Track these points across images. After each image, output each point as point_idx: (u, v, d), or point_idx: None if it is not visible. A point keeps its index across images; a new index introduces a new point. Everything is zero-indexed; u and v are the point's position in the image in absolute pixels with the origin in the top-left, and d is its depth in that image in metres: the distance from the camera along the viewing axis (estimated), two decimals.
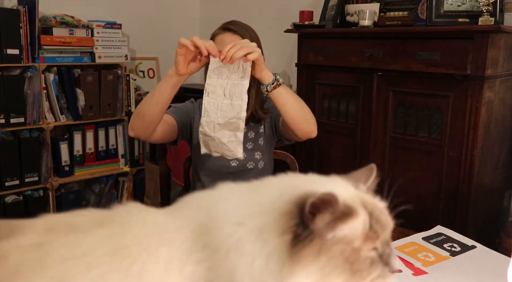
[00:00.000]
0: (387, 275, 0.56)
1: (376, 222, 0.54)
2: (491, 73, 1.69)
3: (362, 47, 2.02)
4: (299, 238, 0.51)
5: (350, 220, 0.51)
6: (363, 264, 0.53)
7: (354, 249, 0.52)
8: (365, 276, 0.53)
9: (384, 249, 0.56)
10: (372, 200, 0.57)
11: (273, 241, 0.51)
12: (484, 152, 1.76)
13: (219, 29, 1.52)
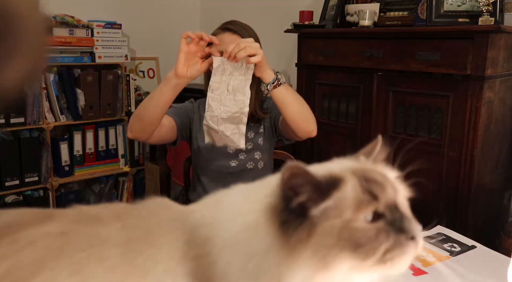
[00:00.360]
0: (406, 243, 0.49)
1: (372, 184, 0.49)
2: (491, 73, 1.69)
3: (362, 47, 2.02)
4: (288, 225, 0.48)
5: (333, 188, 0.48)
6: (364, 236, 0.47)
7: (345, 221, 0.47)
8: (372, 250, 0.47)
9: (393, 214, 0.49)
10: (366, 166, 0.53)
11: (267, 237, 0.49)
12: (484, 152, 1.76)
13: (219, 29, 1.53)
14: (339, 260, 0.47)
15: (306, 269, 0.47)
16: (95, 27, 2.88)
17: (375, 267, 0.48)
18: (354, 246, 0.47)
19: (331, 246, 0.47)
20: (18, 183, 2.63)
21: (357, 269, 0.48)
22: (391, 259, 0.48)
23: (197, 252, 0.53)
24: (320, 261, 0.47)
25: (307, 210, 0.48)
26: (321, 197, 0.47)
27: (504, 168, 1.98)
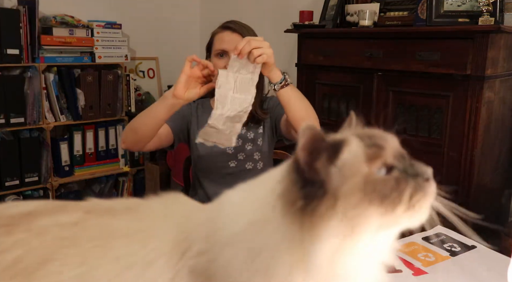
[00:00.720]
0: (425, 185, 0.50)
1: (373, 138, 0.50)
2: (491, 73, 1.69)
3: (362, 47, 2.02)
4: (310, 199, 0.47)
5: (343, 147, 0.48)
6: (386, 186, 0.48)
7: (364, 176, 0.48)
8: (398, 198, 0.48)
9: (402, 162, 0.50)
10: (359, 129, 0.55)
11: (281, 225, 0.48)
12: (484, 152, 1.76)
13: (219, 28, 1.53)
14: (368, 217, 0.47)
15: (334, 238, 0.47)
16: (95, 27, 2.88)
17: (402, 216, 0.49)
18: (380, 198, 0.47)
19: (358, 204, 0.47)
20: (18, 183, 2.63)
21: (386, 224, 0.48)
22: (417, 202, 0.49)
23: (199, 248, 0.53)
24: (349, 224, 0.47)
25: (324, 178, 0.48)
26: (333, 159, 0.48)
27: (504, 168, 1.98)
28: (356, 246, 0.48)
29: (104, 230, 0.55)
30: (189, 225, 0.56)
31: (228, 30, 1.50)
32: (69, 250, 0.53)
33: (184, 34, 3.58)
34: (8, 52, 2.53)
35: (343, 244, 0.47)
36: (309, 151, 0.48)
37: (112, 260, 0.53)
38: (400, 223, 0.50)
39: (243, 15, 2.76)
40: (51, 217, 0.57)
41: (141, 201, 0.61)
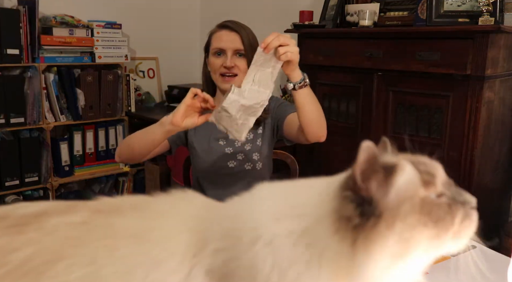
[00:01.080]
0: (471, 213, 0.52)
1: (423, 165, 0.53)
2: (491, 73, 1.69)
3: (362, 47, 2.02)
4: (366, 217, 0.48)
5: (399, 170, 0.49)
6: (441, 210, 0.50)
7: (422, 198, 0.49)
8: (451, 222, 0.50)
9: (451, 190, 0.53)
10: (405, 154, 0.56)
11: (321, 244, 0.48)
12: (484, 152, 1.76)
13: (216, 27, 1.53)
14: (420, 239, 0.48)
15: (387, 258, 0.48)
16: (95, 27, 2.88)
17: (449, 241, 0.51)
18: (435, 220, 0.49)
19: (415, 225, 0.48)
20: (18, 183, 2.63)
21: (432, 247, 0.50)
22: (465, 228, 0.51)
23: (216, 246, 0.52)
24: (403, 245, 0.48)
25: (379, 197, 0.49)
26: (389, 180, 0.49)
27: (504, 168, 1.98)
28: (403, 267, 0.50)
29: (112, 229, 0.56)
30: (203, 223, 0.56)
31: (225, 29, 1.50)
32: (77, 249, 0.54)
33: (184, 34, 3.58)
34: (8, 52, 2.53)
35: (393, 264, 0.49)
36: (366, 169, 0.49)
37: (120, 259, 0.53)
38: (444, 248, 0.52)
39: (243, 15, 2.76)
40: (61, 217, 0.57)
41: (149, 199, 0.61)
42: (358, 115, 2.09)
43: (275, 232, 0.51)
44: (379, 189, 0.49)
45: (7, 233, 0.55)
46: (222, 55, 1.48)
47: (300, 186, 0.57)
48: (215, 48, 1.49)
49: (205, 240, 0.53)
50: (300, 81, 1.29)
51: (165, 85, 3.44)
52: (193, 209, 0.59)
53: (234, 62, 1.47)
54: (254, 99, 1.22)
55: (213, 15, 3.44)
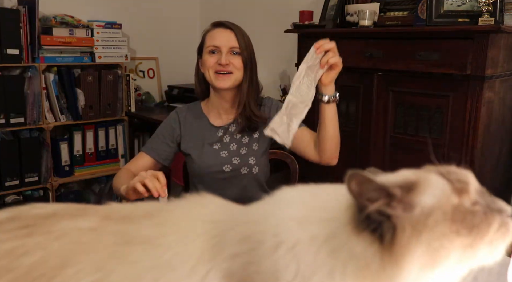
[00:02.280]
0: (508, 221, 0.51)
1: (454, 174, 0.52)
2: (491, 73, 1.69)
3: (362, 47, 2.02)
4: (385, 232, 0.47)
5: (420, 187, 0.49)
6: (476, 217, 0.49)
7: (455, 206, 0.49)
8: (486, 230, 0.48)
9: (485, 199, 0.52)
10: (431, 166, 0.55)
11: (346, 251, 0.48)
12: (484, 152, 1.76)
13: (210, 26, 1.53)
14: (452, 248, 0.47)
15: (415, 269, 0.47)
16: (95, 27, 2.88)
17: (483, 251, 0.49)
18: (469, 228, 0.47)
19: (446, 233, 0.47)
20: (18, 183, 2.63)
21: (465, 258, 0.49)
22: (501, 236, 0.50)
23: (233, 251, 0.52)
24: (433, 255, 0.47)
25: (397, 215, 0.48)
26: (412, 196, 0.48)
27: (504, 168, 1.98)
28: (435, 277, 0.49)
29: (122, 237, 0.55)
30: (219, 228, 0.55)
31: (220, 26, 1.50)
32: (86, 255, 0.53)
33: (184, 34, 3.57)
34: (8, 52, 2.53)
35: (423, 274, 0.48)
36: (360, 196, 0.49)
37: (129, 264, 0.53)
38: (478, 258, 0.50)
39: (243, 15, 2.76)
40: (71, 221, 0.57)
41: (164, 205, 0.62)
42: (358, 115, 2.09)
43: (298, 237, 0.50)
44: (396, 207, 0.48)
45: (17, 235, 0.54)
46: (216, 53, 1.47)
47: (323, 190, 0.56)
48: (210, 46, 1.48)
49: (221, 245, 0.53)
50: (333, 96, 1.31)
51: (165, 85, 3.44)
52: (207, 214, 0.58)
53: (229, 59, 1.46)
54: (300, 97, 1.23)
55: (213, 15, 3.44)
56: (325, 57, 1.23)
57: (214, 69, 1.47)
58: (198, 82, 1.58)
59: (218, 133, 1.55)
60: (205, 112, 1.59)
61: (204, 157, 1.52)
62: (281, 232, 0.51)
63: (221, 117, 1.57)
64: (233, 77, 1.48)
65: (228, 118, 1.57)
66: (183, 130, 1.56)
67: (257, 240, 0.51)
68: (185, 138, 1.55)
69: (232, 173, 1.52)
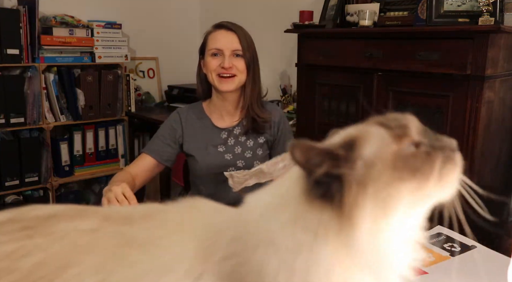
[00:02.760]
0: (452, 156, 0.51)
1: (394, 121, 0.52)
2: (491, 73, 1.69)
3: (362, 47, 2.02)
4: (333, 193, 0.48)
5: (361, 141, 0.49)
6: (417, 160, 0.49)
7: (395, 153, 0.49)
8: (430, 169, 0.49)
9: (428, 138, 0.51)
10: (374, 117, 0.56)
11: (313, 224, 0.49)
12: (484, 152, 1.76)
13: (212, 27, 1.51)
14: (400, 195, 0.47)
15: (370, 222, 0.48)
16: (95, 27, 2.88)
17: (434, 189, 0.49)
18: (412, 172, 0.48)
19: (389, 182, 0.47)
20: (18, 183, 2.63)
21: (417, 200, 0.49)
22: (447, 173, 0.50)
23: (225, 253, 0.53)
24: (382, 205, 0.47)
25: (341, 172, 0.48)
26: (350, 157, 0.48)
27: (504, 168, 1.98)
28: (391, 226, 0.49)
29: (121, 238, 0.56)
30: (211, 231, 0.56)
31: (222, 28, 1.48)
32: (86, 257, 0.54)
33: (184, 34, 3.58)
34: (8, 52, 2.53)
35: (380, 225, 0.48)
36: (309, 164, 0.49)
37: (129, 266, 0.53)
38: (431, 197, 0.51)
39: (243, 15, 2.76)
40: (72, 222, 0.57)
41: (160, 207, 0.62)
42: (358, 115, 2.09)
43: (270, 229, 0.51)
44: (342, 166, 0.49)
45: (17, 237, 0.54)
46: (219, 55, 1.46)
47: (283, 179, 0.57)
48: (212, 49, 1.47)
49: (213, 248, 0.54)
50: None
51: (165, 85, 3.44)
52: (201, 217, 0.59)
53: (232, 62, 1.45)
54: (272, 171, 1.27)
55: (213, 15, 3.44)
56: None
57: (217, 72, 1.46)
58: (200, 82, 1.58)
59: (221, 135, 1.54)
60: (207, 113, 1.58)
61: (208, 159, 1.51)
62: (258, 230, 0.52)
63: (223, 119, 1.56)
64: (237, 80, 1.47)
65: (231, 120, 1.56)
66: (186, 131, 1.55)
67: (243, 241, 0.52)
68: (187, 139, 1.54)
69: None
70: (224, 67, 1.44)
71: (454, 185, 0.52)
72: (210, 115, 1.57)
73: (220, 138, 1.54)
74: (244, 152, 1.52)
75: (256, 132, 1.54)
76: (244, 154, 1.52)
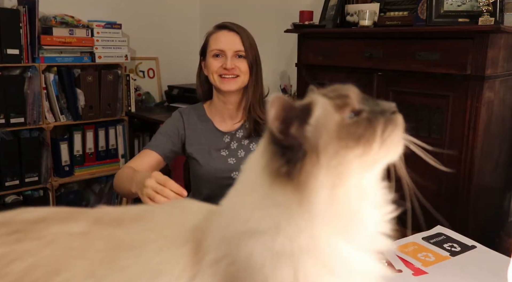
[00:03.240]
0: (393, 118, 0.54)
1: (334, 91, 0.55)
2: (491, 73, 1.69)
3: (362, 47, 2.02)
4: (292, 163, 0.50)
5: (312, 107, 0.51)
6: (359, 127, 0.51)
7: (337, 123, 0.51)
8: (372, 135, 0.51)
9: (368, 104, 0.54)
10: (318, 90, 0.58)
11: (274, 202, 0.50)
12: (484, 152, 1.76)
13: (213, 28, 1.49)
14: (349, 161, 0.49)
15: (327, 190, 0.49)
16: (95, 27, 2.88)
17: (379, 152, 0.51)
18: (355, 140, 0.50)
19: (337, 151, 0.49)
20: (18, 183, 2.63)
21: (366, 164, 0.51)
22: (389, 134, 0.52)
23: (215, 256, 0.53)
24: (335, 174, 0.49)
25: (301, 140, 0.50)
26: (306, 120, 0.51)
27: (504, 168, 1.98)
28: (349, 191, 0.50)
29: (112, 242, 0.55)
30: (201, 233, 0.56)
31: (224, 29, 1.46)
32: (77, 261, 0.53)
33: (184, 34, 3.58)
34: (8, 52, 2.53)
35: (337, 192, 0.50)
36: (282, 119, 0.51)
37: (120, 270, 0.53)
38: (379, 160, 0.53)
39: (243, 15, 2.76)
40: (62, 225, 0.57)
41: (150, 209, 0.62)
42: None
43: (245, 217, 0.52)
44: (299, 133, 0.50)
45: (6, 241, 0.54)
46: (221, 56, 1.45)
47: (247, 165, 0.59)
48: (214, 50, 1.45)
49: (204, 250, 0.54)
50: None
51: (165, 85, 3.44)
52: (191, 219, 0.59)
53: (234, 63, 1.43)
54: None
55: (213, 15, 3.44)
56: None
57: (219, 73, 1.44)
58: (200, 84, 1.56)
59: (224, 139, 1.52)
60: (209, 116, 1.56)
61: (212, 163, 1.49)
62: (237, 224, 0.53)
63: (225, 121, 1.54)
64: (239, 81, 1.45)
65: (233, 123, 1.53)
66: (188, 132, 1.53)
67: (229, 240, 0.52)
68: (190, 141, 1.52)
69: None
70: (226, 68, 1.42)
71: (399, 147, 0.54)
72: (212, 118, 1.55)
73: (223, 142, 1.52)
74: (248, 156, 1.50)
75: (259, 135, 1.51)
76: (247, 157, 1.50)
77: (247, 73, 1.46)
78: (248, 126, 1.50)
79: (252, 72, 1.46)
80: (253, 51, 1.47)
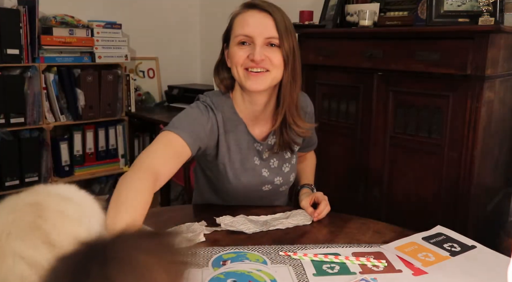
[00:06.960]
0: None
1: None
2: (491, 73, 1.69)
3: (362, 47, 2.02)
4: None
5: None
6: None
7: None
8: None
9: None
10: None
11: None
12: (484, 152, 1.76)
13: (241, 7, 1.19)
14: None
15: None
16: (95, 27, 2.88)
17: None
18: None
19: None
20: (18, 183, 2.63)
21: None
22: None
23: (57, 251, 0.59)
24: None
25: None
26: None
27: (504, 168, 1.98)
28: None
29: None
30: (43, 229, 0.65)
31: (253, 9, 1.14)
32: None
33: (184, 34, 3.58)
34: (8, 52, 2.53)
35: None
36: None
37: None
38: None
39: None
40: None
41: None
42: (358, 115, 2.09)
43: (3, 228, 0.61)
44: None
45: None
46: (248, 44, 1.13)
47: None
48: (240, 35, 1.13)
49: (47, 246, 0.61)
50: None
51: (165, 85, 3.44)
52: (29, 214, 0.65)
53: (265, 54, 1.11)
54: (273, 220, 1.18)
55: (213, 15, 3.44)
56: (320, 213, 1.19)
57: (245, 66, 1.12)
58: (220, 80, 1.22)
59: (255, 146, 1.24)
60: (240, 115, 1.23)
61: (243, 178, 1.23)
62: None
63: (258, 124, 1.25)
64: (270, 77, 1.13)
65: (262, 127, 1.25)
66: (222, 138, 1.19)
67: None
68: (223, 149, 1.20)
69: (270, 192, 1.28)
70: (254, 60, 1.10)
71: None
72: (244, 119, 1.23)
73: (254, 149, 1.24)
74: (282, 166, 1.27)
75: (293, 142, 1.26)
76: (281, 168, 1.27)
77: (280, 67, 1.14)
78: (281, 133, 1.23)
79: (287, 65, 1.14)
80: (290, 39, 1.13)
